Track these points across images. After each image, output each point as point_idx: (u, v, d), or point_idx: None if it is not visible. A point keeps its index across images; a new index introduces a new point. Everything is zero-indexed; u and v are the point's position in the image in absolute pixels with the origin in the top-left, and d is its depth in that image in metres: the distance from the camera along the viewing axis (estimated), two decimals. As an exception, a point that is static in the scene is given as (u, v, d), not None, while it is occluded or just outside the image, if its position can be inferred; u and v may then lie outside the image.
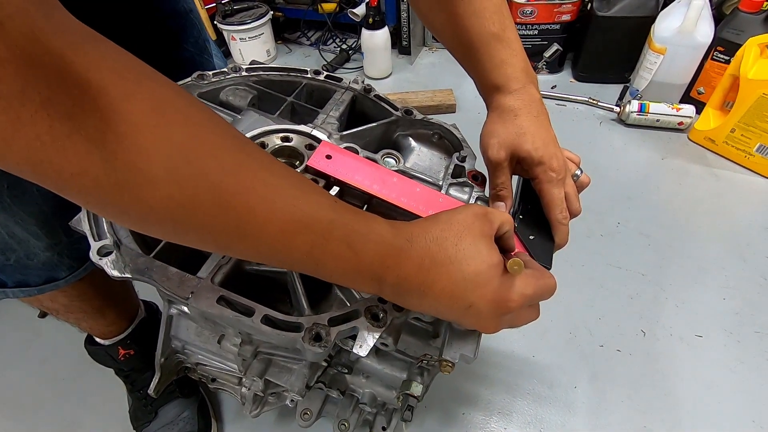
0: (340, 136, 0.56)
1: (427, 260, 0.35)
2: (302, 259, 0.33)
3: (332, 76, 0.64)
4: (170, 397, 0.81)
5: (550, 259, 0.49)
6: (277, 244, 0.31)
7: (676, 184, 1.25)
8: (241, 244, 0.31)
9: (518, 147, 0.48)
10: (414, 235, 0.36)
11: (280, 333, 0.38)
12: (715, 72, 1.32)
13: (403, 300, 0.38)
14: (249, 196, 0.29)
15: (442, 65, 1.78)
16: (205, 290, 0.39)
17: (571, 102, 1.52)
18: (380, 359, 0.63)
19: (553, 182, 0.48)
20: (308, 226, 0.32)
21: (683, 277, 1.03)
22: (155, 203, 0.27)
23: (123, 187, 0.26)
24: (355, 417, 0.72)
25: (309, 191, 0.33)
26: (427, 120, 0.61)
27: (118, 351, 0.76)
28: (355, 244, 0.33)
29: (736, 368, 0.88)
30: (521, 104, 0.49)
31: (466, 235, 0.36)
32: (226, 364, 0.71)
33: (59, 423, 0.86)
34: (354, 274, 0.35)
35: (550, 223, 0.49)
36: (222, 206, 0.29)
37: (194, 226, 0.29)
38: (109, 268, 0.39)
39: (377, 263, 0.34)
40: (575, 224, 0.50)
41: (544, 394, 0.86)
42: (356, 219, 0.34)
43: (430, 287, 0.35)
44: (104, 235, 0.41)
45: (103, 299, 0.69)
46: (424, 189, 0.50)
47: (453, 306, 0.36)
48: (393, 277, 0.35)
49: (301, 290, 0.42)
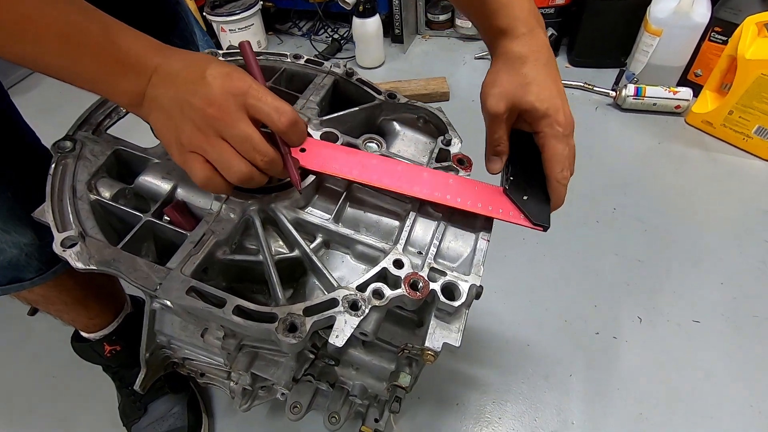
0: (320, 122, 0.54)
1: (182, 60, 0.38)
2: (58, 52, 0.36)
3: (313, 60, 0.62)
4: (159, 393, 0.80)
5: (548, 219, 0.45)
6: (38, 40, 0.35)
7: (674, 168, 1.23)
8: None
9: (521, 98, 0.44)
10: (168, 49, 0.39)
11: (252, 324, 0.37)
12: (712, 53, 1.29)
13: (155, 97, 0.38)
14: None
15: (435, 53, 1.75)
16: (175, 281, 0.38)
17: (567, 87, 1.47)
18: (368, 350, 0.62)
19: (559, 137, 0.44)
20: (69, 26, 0.35)
21: (680, 263, 1.01)
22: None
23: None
24: (346, 409, 0.71)
25: (83, 8, 0.37)
26: (412, 103, 0.59)
27: (104, 347, 0.75)
28: (115, 35, 0.37)
29: (735, 354, 0.87)
30: (528, 50, 0.45)
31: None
32: (212, 358, 0.69)
33: (50, 420, 0.86)
34: (113, 66, 0.37)
35: (548, 181, 0.45)
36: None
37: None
38: (73, 260, 0.38)
39: (141, 52, 0.37)
40: (571, 212, 0.48)
41: (539, 383, 0.85)
42: (117, 22, 0.38)
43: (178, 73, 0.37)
44: (69, 226, 0.40)
45: (84, 290, 0.67)
46: (407, 166, 0.48)
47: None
48: (154, 66, 0.37)
49: (276, 279, 0.41)
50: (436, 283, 0.42)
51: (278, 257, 0.45)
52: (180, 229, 0.42)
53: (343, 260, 0.47)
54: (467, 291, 0.42)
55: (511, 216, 0.46)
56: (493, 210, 0.46)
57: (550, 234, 0.48)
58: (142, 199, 0.47)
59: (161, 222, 0.43)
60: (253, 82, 0.37)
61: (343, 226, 0.47)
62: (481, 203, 0.46)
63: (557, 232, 1.04)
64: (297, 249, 0.45)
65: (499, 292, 0.97)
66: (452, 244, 0.46)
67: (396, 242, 0.45)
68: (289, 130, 0.38)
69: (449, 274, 0.43)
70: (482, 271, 0.44)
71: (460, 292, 0.42)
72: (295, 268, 0.47)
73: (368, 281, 0.41)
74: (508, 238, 1.02)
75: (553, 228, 0.47)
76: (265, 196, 0.45)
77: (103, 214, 0.44)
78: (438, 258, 0.45)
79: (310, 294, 0.44)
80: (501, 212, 0.46)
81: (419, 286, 0.42)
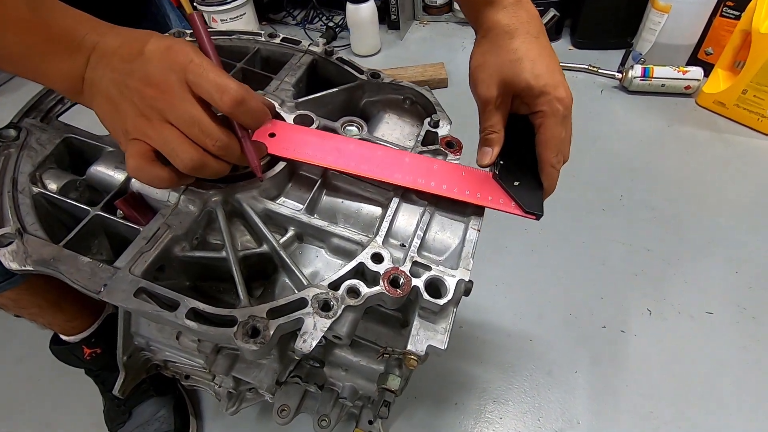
0: (295, 104, 0.50)
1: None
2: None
3: (289, 39, 0.58)
4: (144, 396, 0.77)
5: (540, 206, 0.42)
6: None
7: (684, 152, 1.17)
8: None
9: (514, 78, 0.40)
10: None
11: (208, 329, 0.33)
12: (724, 30, 1.23)
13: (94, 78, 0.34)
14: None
15: (433, 39, 1.69)
16: (121, 282, 0.33)
17: (570, 71, 1.43)
18: (355, 350, 0.58)
19: (558, 116, 0.39)
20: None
21: (692, 251, 0.96)
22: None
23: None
24: (337, 412, 0.67)
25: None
26: (397, 83, 0.55)
27: (83, 350, 0.72)
28: (43, 11, 0.33)
29: (750, 346, 0.82)
30: (517, 22, 0.41)
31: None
32: (194, 360, 0.66)
33: (34, 424, 0.83)
34: (43, 44, 0.33)
35: (541, 164, 0.41)
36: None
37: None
38: (6, 260, 0.34)
39: (72, 27, 0.33)
40: (575, 200, 0.43)
41: (543, 380, 0.80)
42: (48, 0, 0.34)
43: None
44: (6, 222, 0.36)
45: (58, 291, 0.64)
46: (387, 151, 0.44)
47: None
48: (91, 45, 0.33)
49: (238, 277, 0.36)
50: (419, 278, 0.38)
51: (245, 253, 0.40)
52: (134, 223, 0.38)
53: (318, 255, 0.42)
54: (454, 287, 0.38)
55: (502, 204, 0.42)
56: (482, 197, 0.42)
57: (553, 223, 0.44)
58: (96, 192, 0.43)
59: (112, 216, 0.38)
60: (195, 55, 0.32)
61: (317, 217, 0.42)
62: (468, 190, 0.42)
63: (561, 221, 1.01)
64: (265, 243, 0.41)
65: (500, 284, 0.92)
66: (438, 235, 0.42)
67: (376, 234, 0.40)
68: (235, 110, 0.33)
69: (434, 268, 0.39)
70: (471, 264, 0.39)
71: (447, 289, 0.38)
72: (266, 264, 0.42)
73: (342, 278, 0.37)
74: (509, 227, 0.97)
75: (557, 217, 0.43)
76: (229, 186, 0.41)
77: (50, 209, 0.40)
78: (422, 251, 0.41)
79: (281, 293, 0.40)
80: (491, 200, 0.42)
81: (400, 283, 0.37)
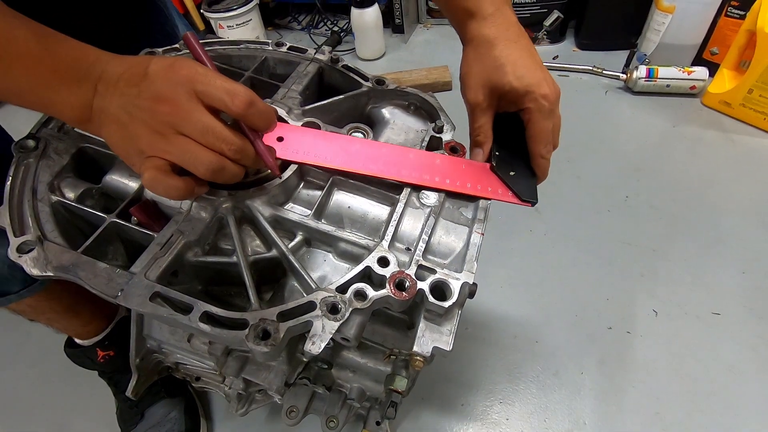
0: (302, 111, 0.51)
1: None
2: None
3: (296, 47, 0.59)
4: (156, 397, 0.78)
5: (535, 194, 0.46)
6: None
7: (689, 152, 1.16)
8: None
9: (498, 82, 0.44)
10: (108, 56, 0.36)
11: (221, 331, 0.34)
12: (729, 29, 1.22)
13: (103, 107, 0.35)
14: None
15: (437, 42, 1.70)
16: (137, 287, 0.35)
17: (575, 72, 1.43)
18: (362, 352, 0.59)
19: (544, 111, 0.44)
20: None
21: (698, 252, 0.96)
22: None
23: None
24: (345, 413, 0.68)
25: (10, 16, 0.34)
26: (401, 89, 0.56)
27: (97, 353, 0.73)
28: (49, 43, 0.34)
29: (758, 347, 0.81)
30: (497, 31, 0.45)
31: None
32: (204, 362, 0.67)
33: (49, 425, 0.85)
34: (49, 76, 0.34)
35: (532, 156, 0.46)
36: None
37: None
38: (28, 266, 0.35)
39: (78, 58, 0.35)
40: (581, 200, 0.45)
41: (549, 381, 0.81)
42: (52, 31, 0.35)
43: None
44: (27, 230, 0.37)
45: (74, 297, 0.66)
46: (391, 148, 0.46)
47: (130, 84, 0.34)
48: (98, 74, 0.35)
49: (249, 281, 0.38)
50: (424, 281, 0.39)
51: (255, 257, 0.41)
52: (148, 230, 0.40)
53: (326, 259, 0.43)
54: (459, 290, 0.38)
55: (500, 194, 0.46)
56: (482, 189, 0.45)
57: (559, 224, 0.46)
58: (111, 199, 0.44)
59: (127, 223, 0.40)
60: (198, 67, 0.34)
61: (325, 222, 0.43)
62: (470, 183, 0.46)
63: (567, 221, 1.02)
64: (274, 248, 0.42)
65: (506, 285, 0.93)
66: (443, 238, 0.43)
67: (382, 238, 0.41)
68: (246, 112, 0.34)
69: (439, 271, 0.39)
70: (475, 267, 0.40)
71: (451, 291, 0.39)
72: (276, 268, 0.43)
73: (350, 281, 0.38)
74: (515, 228, 0.98)
75: (563, 217, 0.45)
76: (240, 192, 0.42)
77: (68, 216, 0.41)
78: (427, 254, 0.42)
79: (289, 297, 0.41)
80: (490, 191, 0.45)
81: (406, 286, 0.38)
